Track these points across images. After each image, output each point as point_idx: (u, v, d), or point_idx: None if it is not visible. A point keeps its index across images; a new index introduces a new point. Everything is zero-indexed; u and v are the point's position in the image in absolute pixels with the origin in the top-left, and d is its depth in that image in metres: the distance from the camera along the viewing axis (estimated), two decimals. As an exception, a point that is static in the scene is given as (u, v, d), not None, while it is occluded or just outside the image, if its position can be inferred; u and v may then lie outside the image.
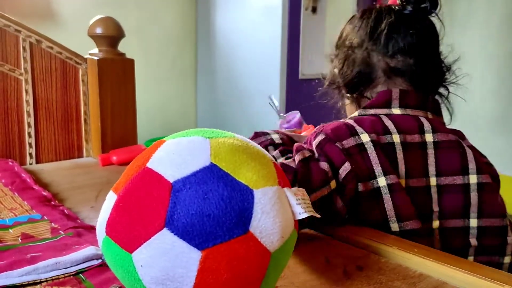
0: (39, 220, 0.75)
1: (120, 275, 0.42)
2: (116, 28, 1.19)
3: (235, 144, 0.44)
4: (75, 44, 1.33)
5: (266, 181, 0.42)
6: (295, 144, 0.74)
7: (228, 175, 0.40)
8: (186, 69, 3.18)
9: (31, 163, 1.17)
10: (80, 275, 0.58)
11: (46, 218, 0.76)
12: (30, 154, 1.17)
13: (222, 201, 0.39)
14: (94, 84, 1.20)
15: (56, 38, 1.19)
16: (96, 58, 1.18)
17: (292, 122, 1.05)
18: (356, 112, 0.81)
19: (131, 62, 1.24)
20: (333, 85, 0.88)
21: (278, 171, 0.45)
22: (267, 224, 0.40)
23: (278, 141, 0.77)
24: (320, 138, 0.72)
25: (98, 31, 1.18)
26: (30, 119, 1.16)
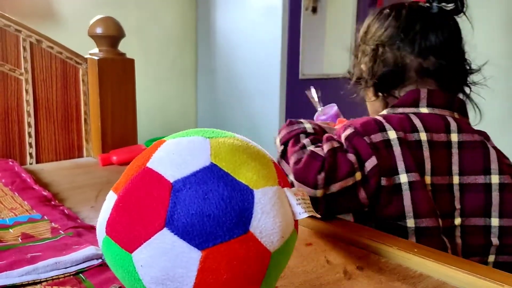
0: (39, 220, 0.75)
1: (120, 275, 0.42)
2: (116, 28, 1.19)
3: (235, 144, 0.44)
4: (75, 44, 1.33)
5: (266, 181, 0.42)
6: (325, 135, 0.76)
7: (228, 175, 0.40)
8: (186, 69, 3.18)
9: (31, 163, 1.17)
10: (80, 275, 0.58)
11: (46, 218, 0.76)
12: (30, 154, 1.17)
13: (222, 201, 0.39)
14: (94, 84, 1.20)
15: (56, 38, 1.19)
16: (96, 58, 1.18)
17: (329, 115, 1.06)
18: (384, 111, 0.82)
19: (131, 62, 1.24)
20: (360, 81, 0.88)
21: (278, 171, 0.45)
22: (267, 224, 0.40)
23: (310, 130, 0.78)
24: (349, 132, 0.74)
25: (99, 31, 1.18)
26: (30, 119, 1.16)
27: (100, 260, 0.60)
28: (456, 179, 0.75)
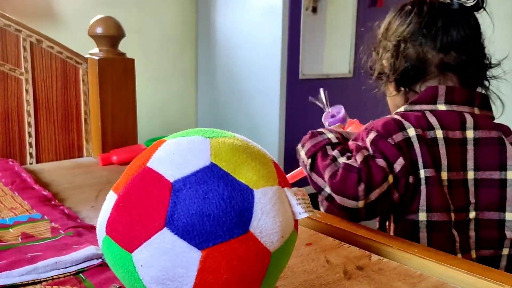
0: (39, 220, 0.75)
1: (120, 275, 0.42)
2: (117, 28, 1.19)
3: (235, 144, 0.44)
4: (75, 43, 1.33)
5: (266, 181, 0.42)
6: (349, 143, 0.78)
7: (228, 175, 0.40)
8: (186, 69, 3.18)
9: (31, 163, 1.17)
10: (80, 274, 0.58)
11: (46, 217, 0.76)
12: (30, 154, 1.17)
13: (222, 201, 0.39)
14: (94, 84, 1.20)
15: (56, 38, 1.19)
16: (97, 58, 1.18)
17: (337, 117, 1.06)
18: (401, 108, 0.83)
19: (132, 61, 1.24)
20: (381, 76, 0.89)
21: (278, 171, 0.45)
22: (267, 224, 0.40)
23: (334, 140, 0.79)
24: (373, 136, 0.75)
25: (99, 31, 1.18)
26: (31, 118, 1.16)
27: (100, 260, 0.60)
28: (471, 174, 0.77)
